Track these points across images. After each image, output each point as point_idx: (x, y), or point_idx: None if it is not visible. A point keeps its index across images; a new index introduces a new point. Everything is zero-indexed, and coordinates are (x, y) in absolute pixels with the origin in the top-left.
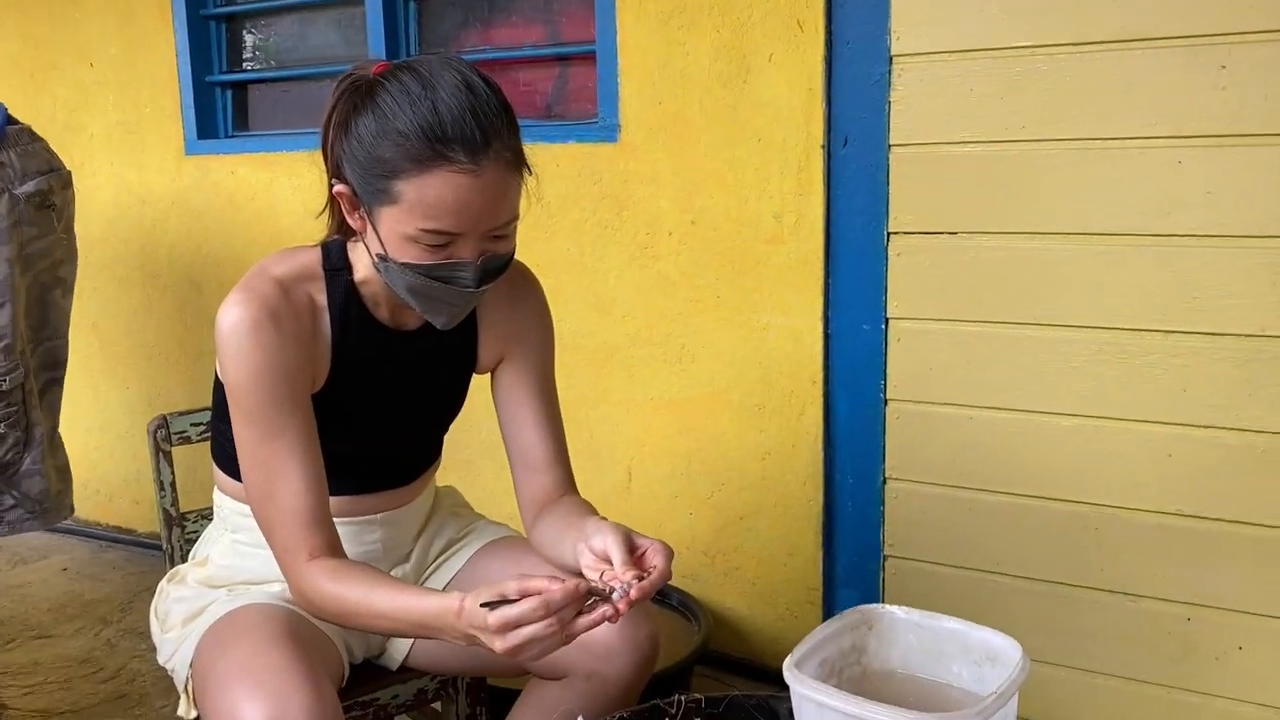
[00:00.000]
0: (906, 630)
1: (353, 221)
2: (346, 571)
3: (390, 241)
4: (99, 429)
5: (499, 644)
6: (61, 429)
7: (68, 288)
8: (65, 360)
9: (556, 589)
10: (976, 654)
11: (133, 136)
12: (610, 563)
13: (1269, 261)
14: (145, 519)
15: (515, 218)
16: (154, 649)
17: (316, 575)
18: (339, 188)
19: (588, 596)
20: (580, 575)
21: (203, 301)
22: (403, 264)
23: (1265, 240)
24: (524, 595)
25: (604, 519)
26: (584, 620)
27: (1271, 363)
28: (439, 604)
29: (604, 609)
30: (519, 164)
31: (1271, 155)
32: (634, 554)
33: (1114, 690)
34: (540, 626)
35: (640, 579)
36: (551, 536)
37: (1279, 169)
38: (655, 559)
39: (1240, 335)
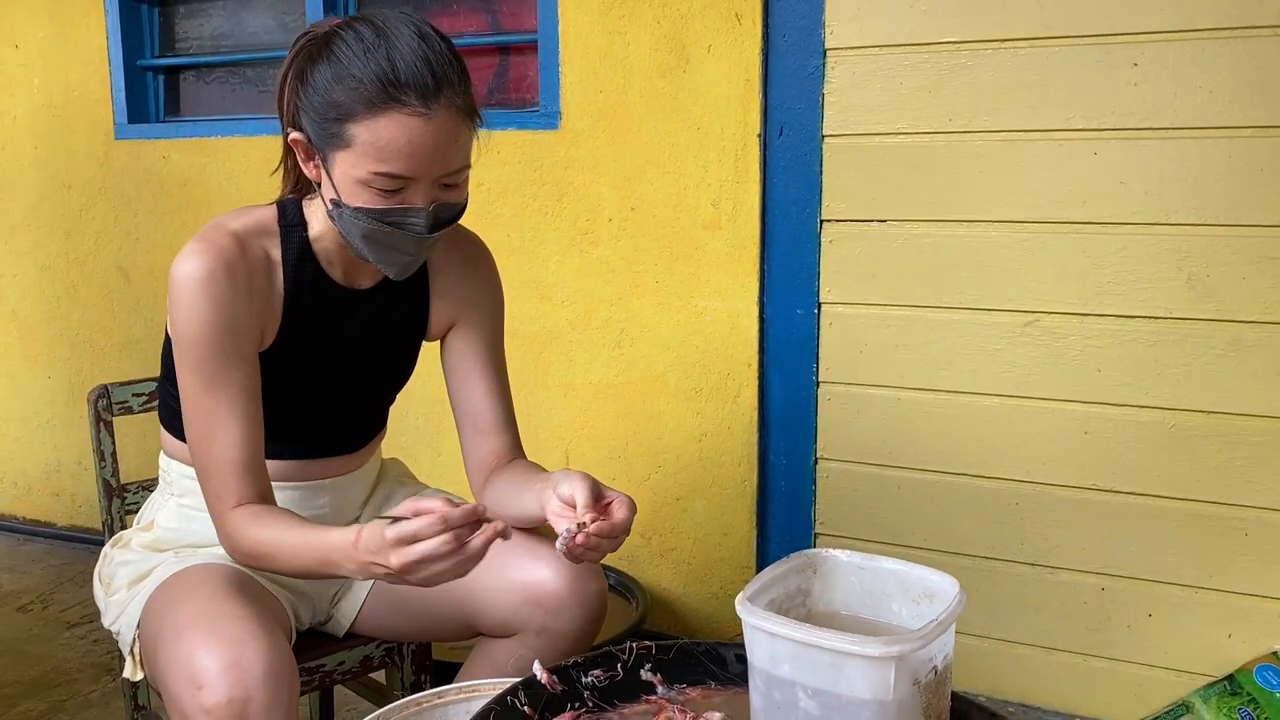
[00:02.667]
0: (849, 572)
1: (308, 170)
2: (266, 515)
3: (343, 186)
4: (18, 420)
5: (395, 558)
6: None
7: None
8: None
9: (456, 509)
10: (915, 592)
11: (59, 120)
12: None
13: (1175, 248)
14: (66, 512)
15: (467, 166)
16: (95, 621)
17: (240, 519)
18: (294, 135)
19: (483, 523)
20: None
21: (131, 289)
22: (355, 209)
23: (1172, 228)
24: (417, 514)
25: (570, 469)
26: (477, 541)
27: (1178, 344)
28: (339, 537)
29: (497, 525)
30: (470, 114)
31: (1179, 147)
32: (599, 502)
33: (1034, 659)
34: (437, 543)
35: (597, 520)
36: (509, 492)
37: (1186, 161)
38: (619, 512)
39: (1149, 318)
